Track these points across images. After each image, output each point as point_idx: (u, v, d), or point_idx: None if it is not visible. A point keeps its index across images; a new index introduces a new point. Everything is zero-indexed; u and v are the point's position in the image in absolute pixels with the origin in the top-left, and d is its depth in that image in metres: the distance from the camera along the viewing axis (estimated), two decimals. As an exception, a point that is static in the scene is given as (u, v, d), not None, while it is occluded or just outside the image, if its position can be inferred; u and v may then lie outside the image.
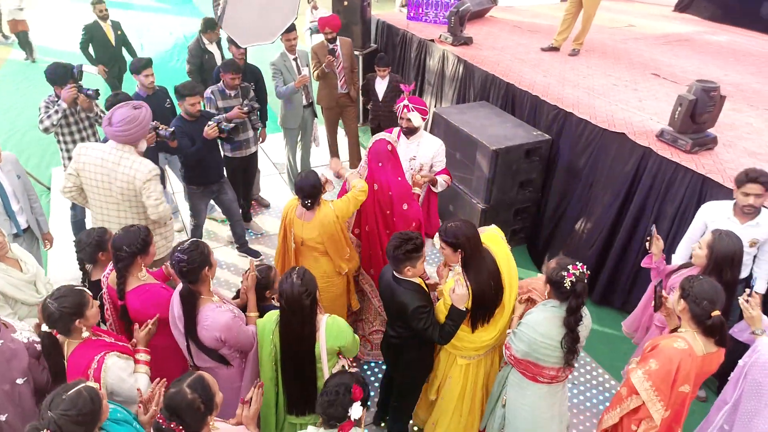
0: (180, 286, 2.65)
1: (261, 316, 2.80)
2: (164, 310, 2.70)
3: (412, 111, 3.87)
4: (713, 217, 3.24)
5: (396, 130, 4.07)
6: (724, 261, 2.75)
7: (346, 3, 7.26)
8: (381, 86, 6.06)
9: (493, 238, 3.02)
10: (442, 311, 2.86)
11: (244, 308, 2.86)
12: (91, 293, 2.37)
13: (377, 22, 7.80)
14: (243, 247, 5.25)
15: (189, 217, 4.90)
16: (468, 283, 2.77)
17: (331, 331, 2.57)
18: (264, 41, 4.93)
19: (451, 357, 3.08)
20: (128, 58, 6.95)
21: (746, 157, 4.01)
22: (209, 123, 4.28)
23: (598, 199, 4.56)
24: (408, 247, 2.73)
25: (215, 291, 2.70)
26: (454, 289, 2.68)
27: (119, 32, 7.29)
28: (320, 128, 6.43)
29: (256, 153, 5.39)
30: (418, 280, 2.88)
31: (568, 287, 2.44)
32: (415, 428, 3.61)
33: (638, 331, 3.40)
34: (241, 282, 2.95)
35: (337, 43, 5.79)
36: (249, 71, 5.43)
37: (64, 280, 2.90)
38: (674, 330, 2.55)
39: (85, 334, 2.29)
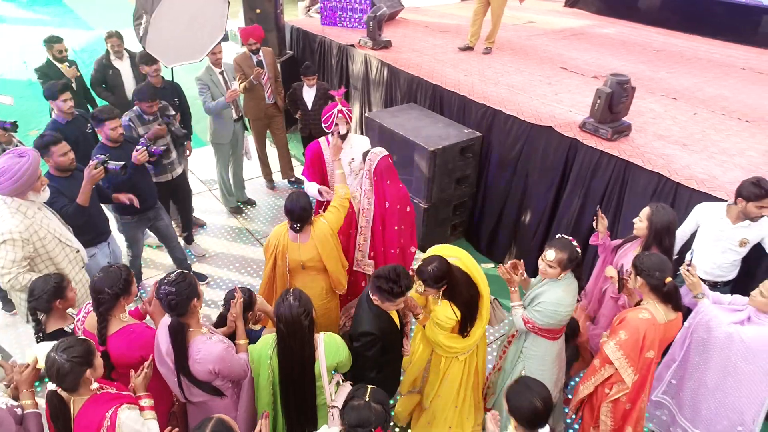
0: (163, 321, 2.57)
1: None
2: (151, 349, 2.60)
3: (346, 116, 3.93)
4: (706, 217, 3.46)
5: (326, 137, 4.12)
6: (663, 230, 3.10)
7: (258, 11, 7.15)
8: (309, 95, 6.06)
9: (452, 251, 3.19)
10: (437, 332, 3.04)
11: (228, 335, 2.81)
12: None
13: (291, 29, 7.75)
14: (187, 272, 5.05)
15: (125, 249, 4.64)
16: (455, 308, 2.95)
17: (330, 348, 2.60)
18: (191, 60, 4.76)
19: (448, 359, 3.22)
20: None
21: (657, 141, 4.49)
22: (137, 148, 4.07)
23: (534, 189, 4.90)
24: (384, 286, 2.70)
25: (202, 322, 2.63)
26: None
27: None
28: (251, 141, 6.31)
29: (184, 173, 5.18)
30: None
31: (578, 256, 2.83)
32: (396, 429, 3.71)
33: (591, 303, 3.74)
34: (222, 306, 2.90)
35: (260, 53, 5.72)
36: (168, 88, 5.21)
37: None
38: (637, 305, 2.85)
39: (94, 386, 2.16)
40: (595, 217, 3.45)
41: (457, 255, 3.12)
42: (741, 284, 3.59)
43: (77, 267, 3.50)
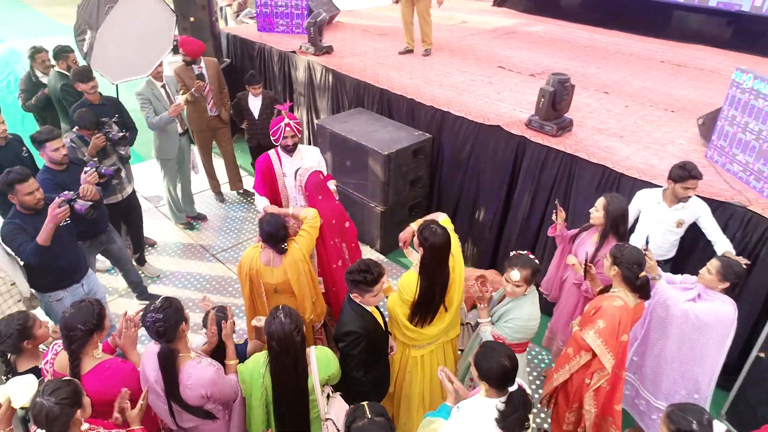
0: (148, 349, 2.51)
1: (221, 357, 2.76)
2: (129, 385, 2.53)
3: (293, 129, 3.90)
4: (645, 202, 3.72)
5: (275, 149, 4.09)
6: (619, 218, 3.34)
7: (192, 19, 6.96)
8: (255, 104, 5.98)
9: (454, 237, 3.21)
10: (396, 303, 3.08)
11: (210, 352, 2.79)
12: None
13: (227, 36, 7.59)
14: (143, 295, 4.87)
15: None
16: (420, 280, 2.98)
17: (322, 361, 2.62)
18: (138, 75, 4.59)
19: (406, 353, 3.28)
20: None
21: (597, 134, 4.79)
22: (85, 169, 3.88)
23: (487, 186, 5.09)
24: (357, 277, 2.78)
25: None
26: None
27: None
28: (197, 154, 6.15)
29: (134, 192, 4.99)
30: (371, 309, 2.97)
31: (540, 268, 2.93)
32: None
33: (552, 290, 3.95)
34: (205, 326, 2.85)
35: (202, 64, 5.58)
36: (108, 104, 4.98)
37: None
38: (603, 290, 3.05)
39: (84, 426, 2.07)
40: (555, 211, 3.65)
41: (455, 242, 3.18)
42: (679, 262, 3.94)
43: (10, 300, 3.32)
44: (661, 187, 3.83)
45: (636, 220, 3.88)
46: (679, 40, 7.81)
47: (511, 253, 3.03)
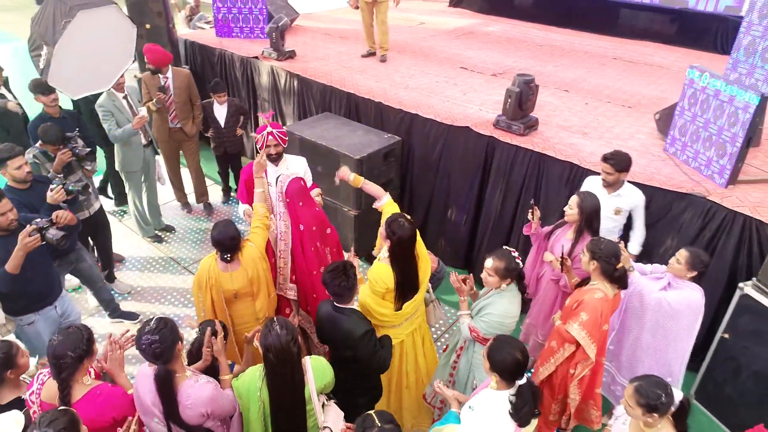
0: (142, 372, 2.46)
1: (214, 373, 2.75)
2: (122, 409, 2.48)
3: (276, 138, 3.88)
4: (590, 188, 3.88)
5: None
6: (592, 214, 3.49)
7: (148, 26, 6.79)
8: (221, 112, 5.91)
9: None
10: (367, 295, 3.18)
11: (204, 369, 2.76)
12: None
13: (185, 43, 7.43)
14: (115, 313, 4.74)
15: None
16: (394, 271, 3.13)
17: (318, 371, 2.64)
18: (99, 89, 4.45)
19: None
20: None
21: (563, 131, 4.96)
22: (51, 187, 3.75)
23: (458, 186, 5.19)
24: (345, 283, 2.87)
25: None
26: None
27: None
28: (162, 165, 6.00)
29: (101, 208, 4.84)
30: (357, 306, 3.07)
31: (516, 267, 2.97)
32: None
33: (529, 286, 4.07)
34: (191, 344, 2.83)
35: (169, 74, 5.46)
36: (68, 118, 4.81)
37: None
38: (581, 284, 3.18)
39: None
40: (531, 210, 3.77)
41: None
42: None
43: None
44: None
45: None
46: (628, 37, 8.15)
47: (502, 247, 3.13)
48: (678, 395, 2.31)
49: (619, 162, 3.71)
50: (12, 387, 2.63)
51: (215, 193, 6.70)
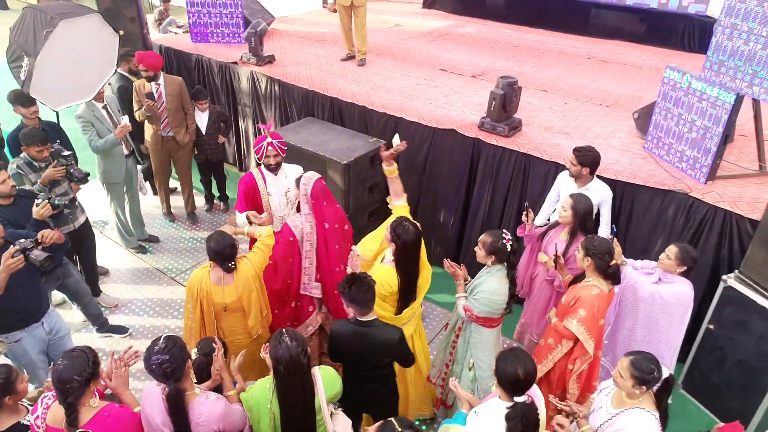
0: (149, 391, 2.43)
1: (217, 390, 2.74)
2: (131, 430, 2.45)
3: (276, 149, 3.92)
4: (563, 183, 4.04)
5: (258, 167, 4.09)
6: (586, 215, 3.58)
7: (121, 33, 6.62)
8: (202, 119, 5.84)
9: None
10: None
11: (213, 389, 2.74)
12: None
13: (160, 48, 7.30)
14: (103, 328, 4.64)
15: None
16: (399, 275, 3.22)
17: (327, 381, 2.65)
18: (80, 100, 4.34)
19: None
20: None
21: (546, 132, 5.07)
22: (36, 201, 3.65)
23: (445, 188, 5.25)
24: (364, 291, 2.87)
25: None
26: None
27: None
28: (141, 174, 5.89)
29: (87, 221, 4.72)
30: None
31: (509, 249, 3.10)
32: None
33: (523, 285, 4.15)
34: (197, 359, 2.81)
35: (161, 81, 5.35)
36: (48, 130, 4.66)
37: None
38: (575, 281, 3.27)
39: None
40: (525, 213, 3.85)
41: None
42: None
43: None
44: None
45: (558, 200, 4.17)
46: (600, 36, 8.36)
47: None
48: (665, 372, 2.46)
49: (585, 156, 3.84)
50: (10, 412, 2.56)
51: (198, 201, 6.61)
